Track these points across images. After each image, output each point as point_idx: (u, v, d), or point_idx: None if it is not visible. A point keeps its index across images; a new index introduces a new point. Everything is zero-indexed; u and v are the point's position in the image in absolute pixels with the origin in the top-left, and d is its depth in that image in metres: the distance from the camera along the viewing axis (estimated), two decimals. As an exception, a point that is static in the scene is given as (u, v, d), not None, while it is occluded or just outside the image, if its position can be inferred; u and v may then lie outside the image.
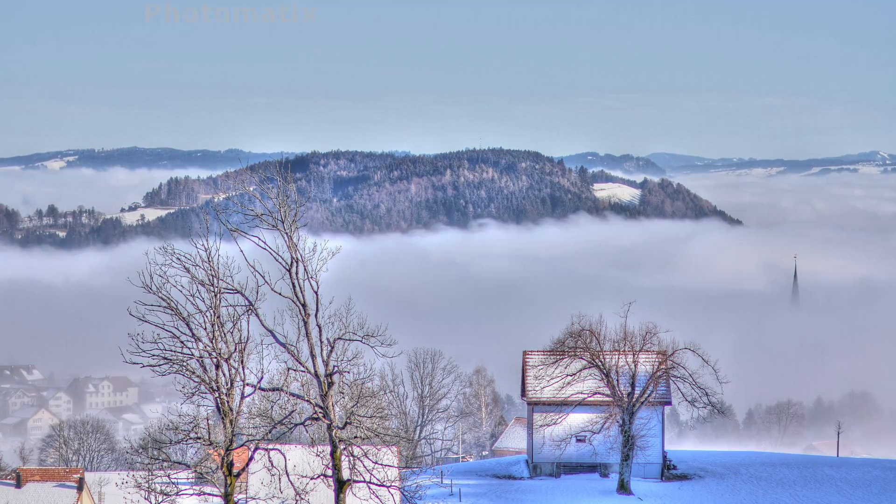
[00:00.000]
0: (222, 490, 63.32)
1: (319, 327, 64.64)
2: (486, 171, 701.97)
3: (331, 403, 64.34)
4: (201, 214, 67.51)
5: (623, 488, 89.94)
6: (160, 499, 63.35)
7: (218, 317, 62.50)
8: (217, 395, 62.69)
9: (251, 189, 66.88)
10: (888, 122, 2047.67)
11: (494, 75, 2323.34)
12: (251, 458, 64.14)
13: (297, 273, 63.94)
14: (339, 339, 65.07)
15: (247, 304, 63.20)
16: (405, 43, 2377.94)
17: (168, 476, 63.42)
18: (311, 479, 65.74)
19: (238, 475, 63.61)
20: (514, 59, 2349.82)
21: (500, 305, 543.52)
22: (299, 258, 63.85)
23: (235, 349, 62.93)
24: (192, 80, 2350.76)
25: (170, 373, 63.63)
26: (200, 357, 62.44)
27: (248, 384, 63.80)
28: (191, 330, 62.18)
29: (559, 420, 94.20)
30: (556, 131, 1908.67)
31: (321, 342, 64.74)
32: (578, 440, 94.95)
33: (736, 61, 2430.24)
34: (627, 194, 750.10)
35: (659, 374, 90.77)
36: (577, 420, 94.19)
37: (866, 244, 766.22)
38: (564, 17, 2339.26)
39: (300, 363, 64.58)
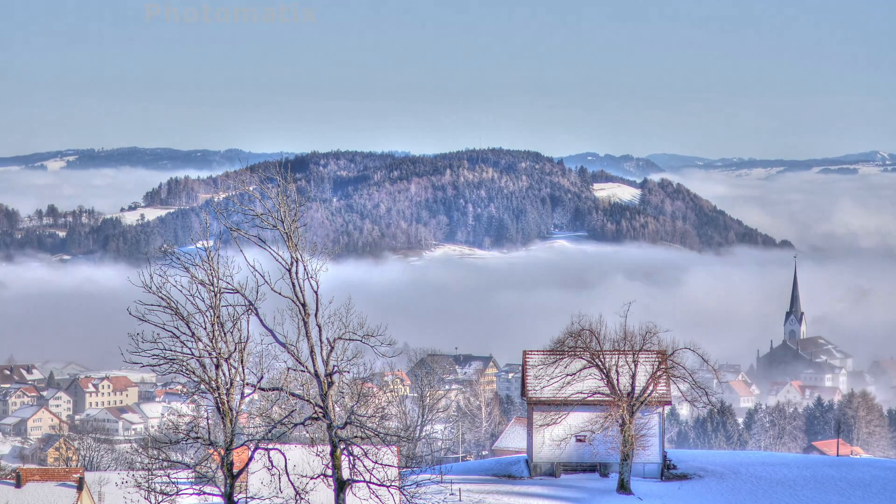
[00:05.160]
0: (222, 490, 63.33)
1: (319, 327, 64.61)
2: (485, 171, 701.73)
3: (331, 403, 64.34)
4: (201, 214, 67.75)
5: (623, 488, 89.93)
6: (160, 499, 63.32)
7: (218, 316, 62.51)
8: (217, 394, 62.68)
9: (251, 189, 66.87)
10: (888, 122, 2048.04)
11: (494, 75, 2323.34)
12: (251, 458, 64.13)
13: (297, 273, 63.94)
14: (339, 338, 65.07)
15: (247, 303, 63.19)
16: (405, 43, 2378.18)
17: (168, 476, 63.41)
18: (311, 478, 65.70)
19: (238, 475, 63.60)
20: (514, 58, 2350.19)
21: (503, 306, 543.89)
22: (299, 258, 63.86)
23: (235, 349, 62.93)
24: (191, 80, 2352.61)
25: (170, 372, 63.67)
26: (200, 357, 62.45)
27: (248, 384, 63.80)
28: (191, 330, 62.18)
29: (559, 420, 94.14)
30: (556, 131, 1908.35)
31: (321, 342, 64.72)
32: (578, 440, 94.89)
33: (736, 61, 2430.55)
34: (627, 194, 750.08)
35: (659, 373, 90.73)
36: (577, 420, 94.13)
37: (866, 245, 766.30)
38: (565, 16, 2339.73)
39: (300, 363, 64.57)
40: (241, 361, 63.08)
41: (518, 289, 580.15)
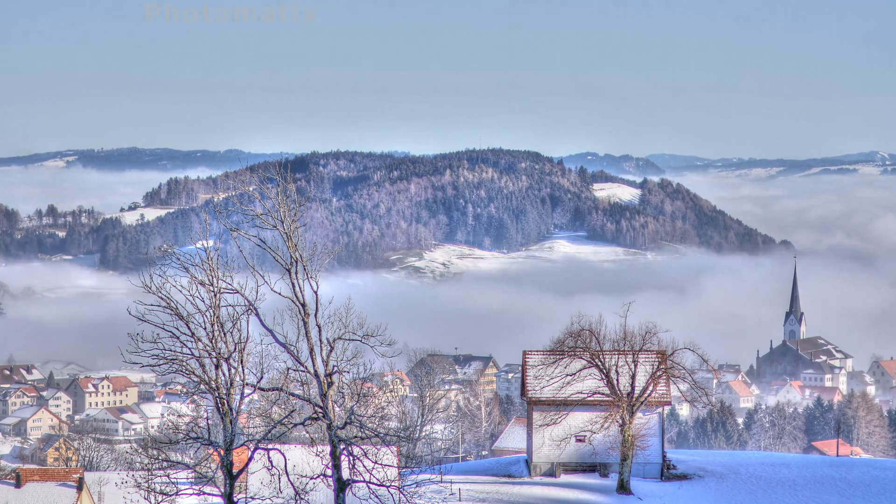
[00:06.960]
0: (222, 490, 63.29)
1: (319, 327, 64.57)
2: (485, 171, 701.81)
3: (330, 403, 64.30)
4: (201, 214, 67.80)
5: (623, 488, 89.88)
6: (160, 499, 63.26)
7: (217, 317, 62.47)
8: (217, 394, 62.64)
9: (251, 189, 66.83)
10: (888, 122, 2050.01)
11: (494, 75, 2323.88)
12: (251, 458, 64.08)
13: (296, 273, 63.91)
14: (338, 338, 65.03)
15: (247, 303, 63.15)
16: (405, 43, 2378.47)
17: (168, 476, 63.35)
18: (311, 478, 65.65)
19: (238, 475, 63.54)
20: (515, 58, 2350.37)
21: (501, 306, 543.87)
22: (299, 258, 63.84)
23: (235, 349, 62.90)
24: (192, 80, 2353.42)
25: (170, 372, 63.63)
26: (200, 357, 62.41)
27: (247, 384, 63.76)
28: (190, 330, 62.14)
29: (559, 420, 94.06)
30: (556, 131, 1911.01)
31: (321, 342, 64.68)
32: (578, 440, 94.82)
33: (736, 61, 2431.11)
34: (627, 194, 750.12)
35: (659, 373, 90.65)
36: (576, 420, 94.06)
37: (865, 245, 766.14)
38: (565, 16, 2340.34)
39: (300, 363, 64.53)
40: (241, 361, 63.05)
41: (518, 289, 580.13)
